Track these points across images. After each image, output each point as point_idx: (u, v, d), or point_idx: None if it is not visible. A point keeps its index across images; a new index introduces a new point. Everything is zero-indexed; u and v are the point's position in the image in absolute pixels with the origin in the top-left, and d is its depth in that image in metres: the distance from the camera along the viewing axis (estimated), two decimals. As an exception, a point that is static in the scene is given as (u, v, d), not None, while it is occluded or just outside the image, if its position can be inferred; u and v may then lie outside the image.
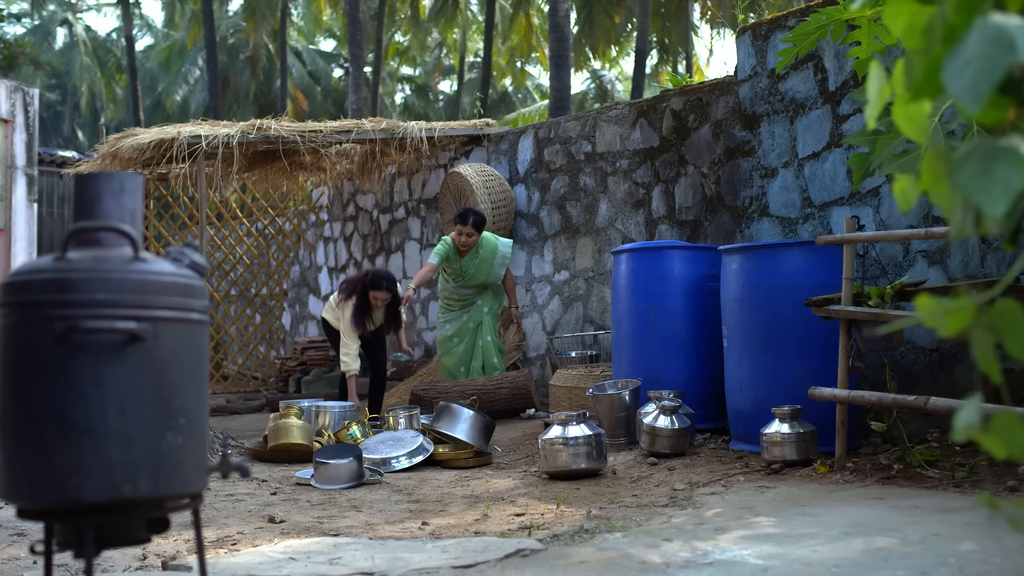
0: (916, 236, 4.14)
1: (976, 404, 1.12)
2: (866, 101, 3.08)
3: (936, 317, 1.14)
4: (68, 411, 1.74)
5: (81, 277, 1.77)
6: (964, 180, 1.08)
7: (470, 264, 7.06)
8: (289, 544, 3.37)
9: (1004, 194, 1.05)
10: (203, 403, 1.91)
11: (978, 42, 1.06)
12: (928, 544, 2.74)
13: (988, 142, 1.10)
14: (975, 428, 1.11)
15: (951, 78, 1.06)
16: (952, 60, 1.07)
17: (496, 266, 7.08)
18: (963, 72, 1.05)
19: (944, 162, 1.16)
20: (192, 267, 1.90)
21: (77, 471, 1.73)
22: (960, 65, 1.06)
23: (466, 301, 7.19)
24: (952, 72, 1.07)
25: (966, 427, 1.12)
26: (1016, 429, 1.11)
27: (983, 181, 1.06)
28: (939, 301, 1.14)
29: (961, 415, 1.12)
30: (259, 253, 11.37)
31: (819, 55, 5.35)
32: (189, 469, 1.86)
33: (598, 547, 3.00)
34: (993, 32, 1.06)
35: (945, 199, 1.18)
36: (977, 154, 1.09)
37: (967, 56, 1.06)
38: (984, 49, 1.05)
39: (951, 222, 1.17)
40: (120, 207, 1.89)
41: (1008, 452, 1.12)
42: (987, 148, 1.09)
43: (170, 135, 7.40)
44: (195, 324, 1.89)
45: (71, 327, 1.75)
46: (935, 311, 1.14)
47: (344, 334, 6.88)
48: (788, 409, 4.32)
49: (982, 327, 1.12)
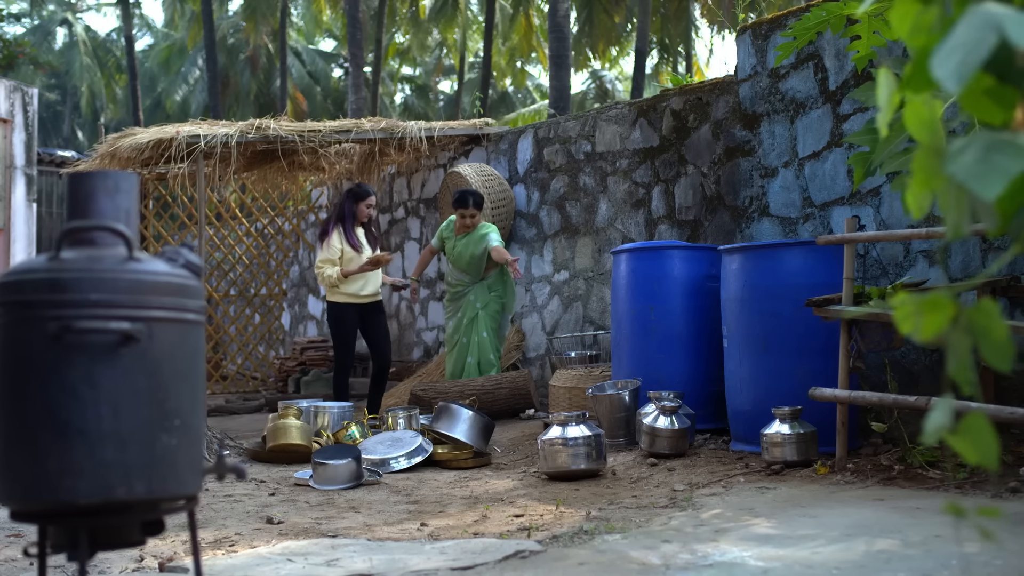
0: (917, 236, 4.12)
1: (947, 404, 1.09)
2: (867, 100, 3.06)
3: (912, 319, 1.12)
4: (61, 412, 1.72)
5: (75, 277, 1.76)
6: (959, 168, 1.06)
7: (461, 243, 6.99)
8: (287, 545, 3.36)
9: (999, 178, 1.02)
10: (198, 404, 1.90)
11: (966, 29, 1.05)
12: (930, 546, 2.72)
13: (987, 134, 1.09)
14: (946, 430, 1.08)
15: (938, 64, 1.05)
16: (941, 47, 1.06)
17: (478, 247, 6.94)
18: (950, 57, 1.04)
19: (938, 157, 1.14)
20: (187, 267, 1.88)
21: (70, 472, 1.71)
22: (948, 51, 1.05)
23: (458, 291, 7.09)
24: (940, 58, 1.05)
25: (936, 430, 1.08)
26: (986, 432, 1.07)
27: (978, 167, 1.04)
28: (916, 300, 1.11)
29: (932, 418, 1.09)
30: (258, 253, 11.35)
31: (819, 54, 5.33)
32: (184, 470, 1.84)
33: (597, 549, 2.98)
34: (982, 18, 1.04)
35: (941, 197, 1.16)
36: (975, 144, 1.07)
37: (955, 42, 1.05)
38: (971, 34, 1.04)
39: (947, 221, 1.15)
40: (115, 206, 1.88)
41: (978, 457, 1.09)
42: (986, 139, 1.08)
43: (169, 135, 7.37)
44: (190, 324, 1.87)
45: (64, 327, 1.73)
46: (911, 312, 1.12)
47: (320, 261, 6.75)
48: (788, 410, 4.30)
49: (960, 330, 1.09)
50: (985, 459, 1.08)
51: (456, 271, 7.10)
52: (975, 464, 1.08)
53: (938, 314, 1.11)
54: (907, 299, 1.12)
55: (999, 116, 1.14)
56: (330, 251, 6.75)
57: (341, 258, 6.76)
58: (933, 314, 1.11)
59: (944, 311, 1.11)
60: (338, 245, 6.75)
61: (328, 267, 6.74)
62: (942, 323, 1.11)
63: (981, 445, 1.08)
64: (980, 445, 1.08)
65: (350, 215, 6.82)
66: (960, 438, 1.09)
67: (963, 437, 1.09)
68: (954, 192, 1.14)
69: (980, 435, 1.08)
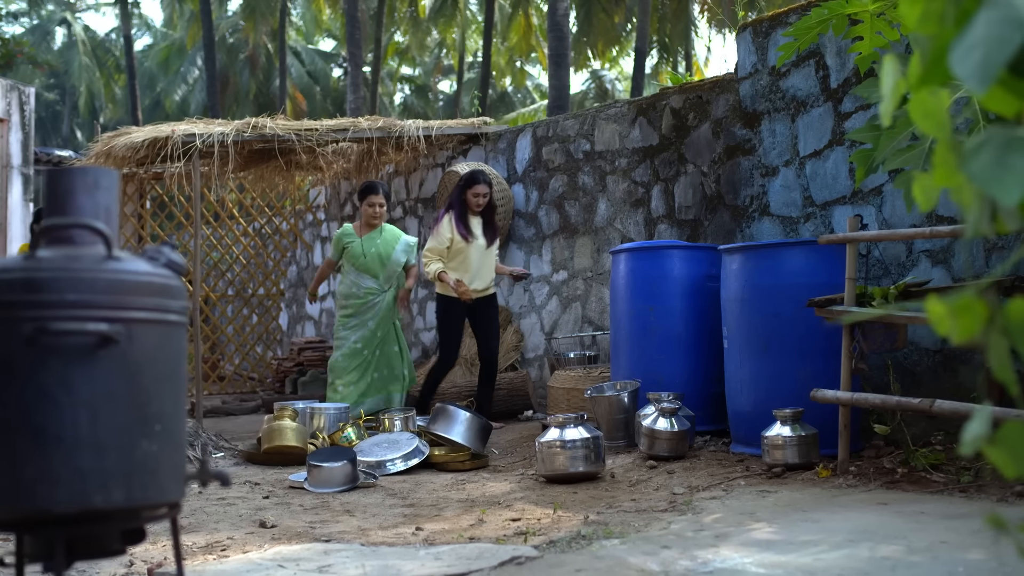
0: (921, 235, 4.06)
1: (986, 414, 1.03)
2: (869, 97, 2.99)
3: (947, 322, 1.06)
4: (37, 417, 1.66)
5: (51, 276, 1.69)
6: (976, 170, 1.01)
7: (371, 243, 6.68)
8: (279, 551, 3.29)
9: (1019, 183, 0.97)
10: (181, 408, 1.83)
11: (987, 23, 0.99)
12: (935, 552, 2.66)
13: (1002, 131, 1.03)
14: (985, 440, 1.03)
15: (958, 61, 1.00)
16: (960, 42, 1.01)
17: (397, 251, 6.70)
18: (970, 54, 0.99)
19: (956, 153, 1.09)
20: (169, 266, 1.82)
21: (46, 480, 1.65)
22: (967, 47, 0.99)
23: (366, 302, 6.69)
24: (959, 55, 1.00)
25: (975, 439, 1.03)
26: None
27: (996, 171, 0.99)
28: (950, 303, 1.06)
29: (970, 428, 1.04)
30: (256, 253, 11.29)
31: (821, 52, 5.27)
32: (165, 477, 1.78)
33: (595, 555, 2.92)
34: (1003, 12, 0.98)
35: (962, 193, 1.11)
36: (991, 144, 1.02)
37: (975, 38, 0.99)
38: (993, 30, 0.98)
39: (968, 218, 1.09)
40: (94, 203, 1.81)
41: (1018, 469, 1.03)
42: (1001, 137, 1.02)
43: (164, 134, 7.31)
44: (172, 325, 1.81)
45: (40, 329, 1.67)
46: (945, 315, 1.06)
47: (426, 250, 6.40)
48: (789, 411, 4.24)
49: (998, 331, 1.04)
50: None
51: (363, 277, 6.69)
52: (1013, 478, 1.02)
53: (972, 316, 1.06)
54: (939, 302, 1.06)
55: (1012, 107, 1.08)
56: (438, 239, 6.38)
57: (450, 247, 6.40)
58: (967, 316, 1.06)
59: (977, 313, 1.06)
60: (447, 233, 6.38)
61: (433, 260, 6.36)
62: (977, 325, 1.05)
63: (1020, 456, 1.03)
64: (1019, 456, 1.03)
65: (459, 203, 6.44)
66: (998, 449, 1.03)
67: (1001, 447, 1.03)
68: (972, 190, 1.09)
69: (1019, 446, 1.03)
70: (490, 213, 6.53)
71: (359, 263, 6.67)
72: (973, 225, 1.07)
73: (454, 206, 6.46)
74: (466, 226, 6.42)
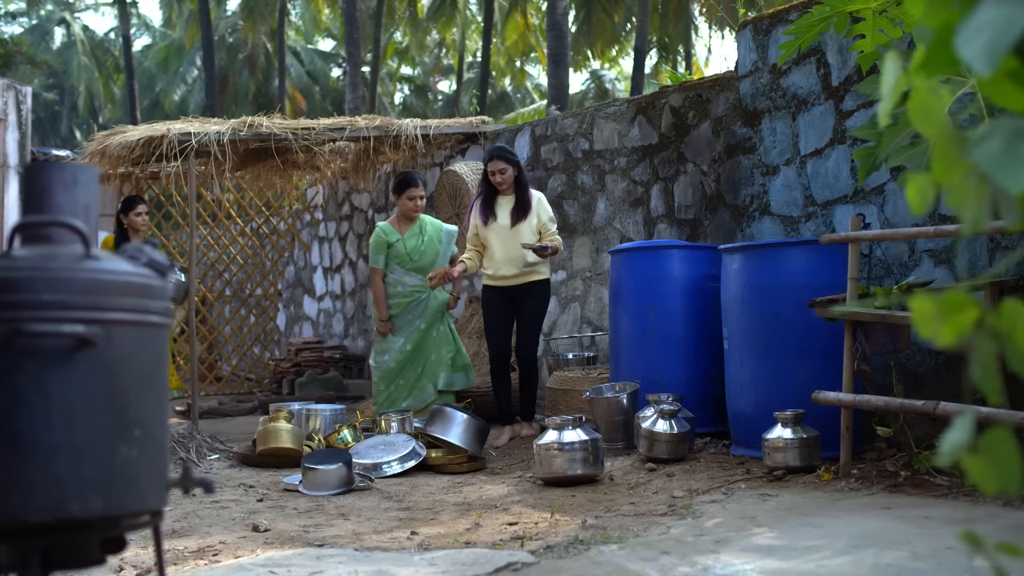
0: (924, 234, 4.00)
1: (968, 421, 0.97)
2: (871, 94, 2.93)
3: (932, 322, 1.00)
4: (11, 422, 1.60)
5: (26, 276, 1.63)
6: (983, 158, 0.95)
7: (416, 241, 6.31)
8: (271, 556, 3.23)
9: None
10: (162, 412, 1.77)
11: (994, 5, 0.94)
12: (940, 558, 2.60)
13: (1012, 120, 0.98)
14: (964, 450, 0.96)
15: (964, 42, 0.95)
16: (965, 25, 0.96)
17: (444, 245, 6.39)
18: (976, 36, 0.94)
19: (959, 145, 1.03)
20: (150, 265, 1.75)
21: (20, 488, 1.59)
22: (974, 29, 0.95)
23: (412, 300, 6.30)
24: (965, 36, 0.95)
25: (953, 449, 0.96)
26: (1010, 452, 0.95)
27: (1004, 157, 0.94)
28: (936, 302, 0.99)
29: (949, 435, 0.97)
30: (253, 253, 11.23)
31: (822, 50, 5.21)
32: (146, 484, 1.72)
33: (593, 560, 2.86)
34: None
35: (958, 190, 1.05)
36: (999, 132, 0.97)
37: (982, 19, 0.95)
38: (1000, 11, 0.93)
39: (964, 215, 1.03)
40: (72, 201, 1.75)
41: (999, 483, 0.96)
42: (1011, 126, 0.97)
43: (159, 133, 7.24)
44: (153, 327, 1.75)
45: (14, 330, 1.60)
46: (932, 314, 1.00)
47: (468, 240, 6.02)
48: (791, 413, 4.18)
49: (986, 335, 0.97)
50: (1006, 484, 0.96)
51: (408, 274, 6.31)
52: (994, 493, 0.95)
53: (960, 317, 0.99)
54: (926, 300, 1.00)
55: (1021, 102, 1.03)
56: (468, 228, 6.04)
57: (478, 234, 5.98)
58: (954, 317, 1.00)
59: (966, 314, 0.99)
60: (471, 219, 6.02)
61: (467, 251, 6.04)
62: (964, 327, 0.99)
63: (1003, 468, 0.96)
64: (1002, 468, 0.96)
65: (483, 183, 6.00)
66: (979, 459, 0.97)
67: (983, 458, 0.97)
68: (974, 184, 1.03)
69: (1002, 456, 0.96)
70: (522, 191, 5.92)
71: (407, 264, 6.30)
72: (971, 222, 1.01)
73: (481, 189, 6.09)
74: (489, 207, 5.93)
